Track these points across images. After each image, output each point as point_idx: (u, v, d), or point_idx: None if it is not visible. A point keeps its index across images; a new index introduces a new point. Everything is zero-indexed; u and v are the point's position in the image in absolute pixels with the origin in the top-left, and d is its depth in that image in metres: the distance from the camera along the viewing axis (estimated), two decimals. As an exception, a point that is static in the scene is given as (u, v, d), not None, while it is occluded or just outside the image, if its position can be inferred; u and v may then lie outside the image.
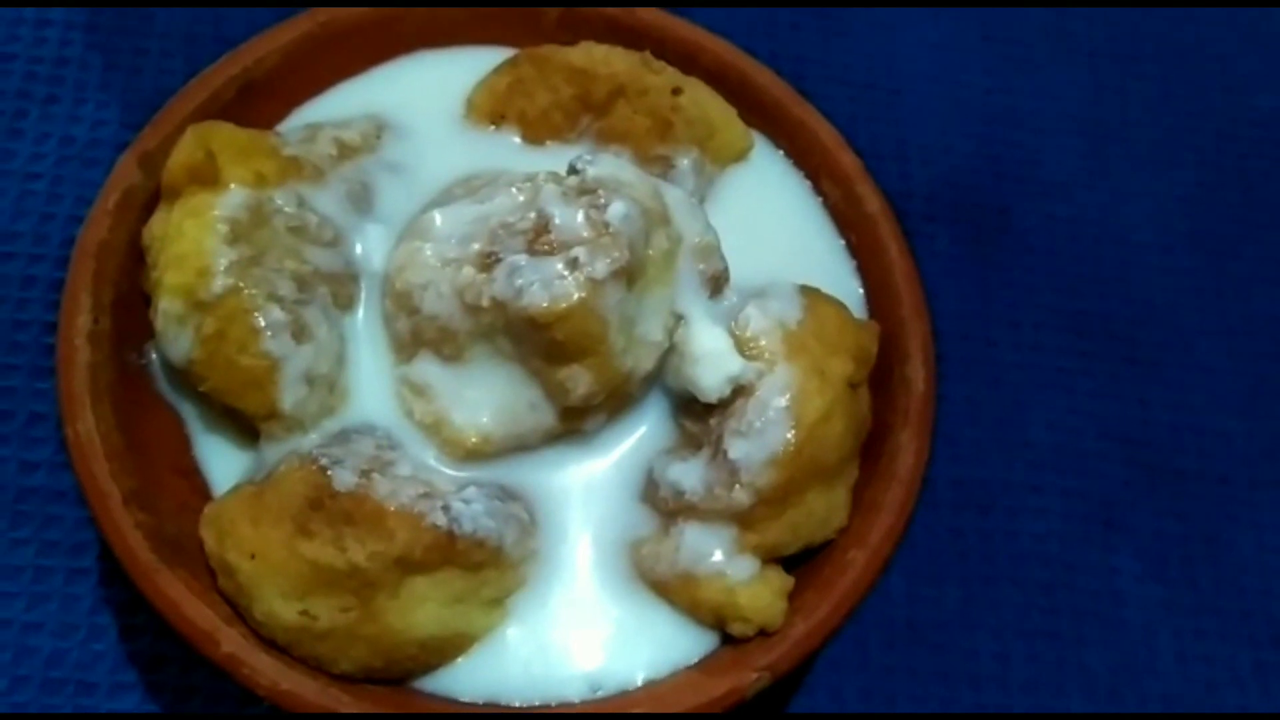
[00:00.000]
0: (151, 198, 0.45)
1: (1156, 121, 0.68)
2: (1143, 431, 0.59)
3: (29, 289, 0.55)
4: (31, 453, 0.52)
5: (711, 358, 0.43)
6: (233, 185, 0.44)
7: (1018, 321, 0.61)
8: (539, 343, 0.42)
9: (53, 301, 0.51)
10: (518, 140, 0.49)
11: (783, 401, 0.42)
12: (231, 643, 0.39)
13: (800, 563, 0.44)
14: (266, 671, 0.39)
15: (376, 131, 0.48)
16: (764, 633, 0.42)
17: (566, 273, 0.41)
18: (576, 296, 0.41)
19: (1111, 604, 0.55)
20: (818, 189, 0.50)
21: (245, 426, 0.44)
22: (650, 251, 0.43)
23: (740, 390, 0.42)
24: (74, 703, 0.47)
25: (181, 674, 0.48)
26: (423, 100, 0.50)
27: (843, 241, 0.50)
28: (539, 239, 0.42)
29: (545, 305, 0.40)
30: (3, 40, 0.60)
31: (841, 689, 0.52)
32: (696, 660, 0.42)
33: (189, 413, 0.45)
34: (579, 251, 0.41)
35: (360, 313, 0.46)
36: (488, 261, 0.42)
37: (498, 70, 0.50)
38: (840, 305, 0.46)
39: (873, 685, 0.52)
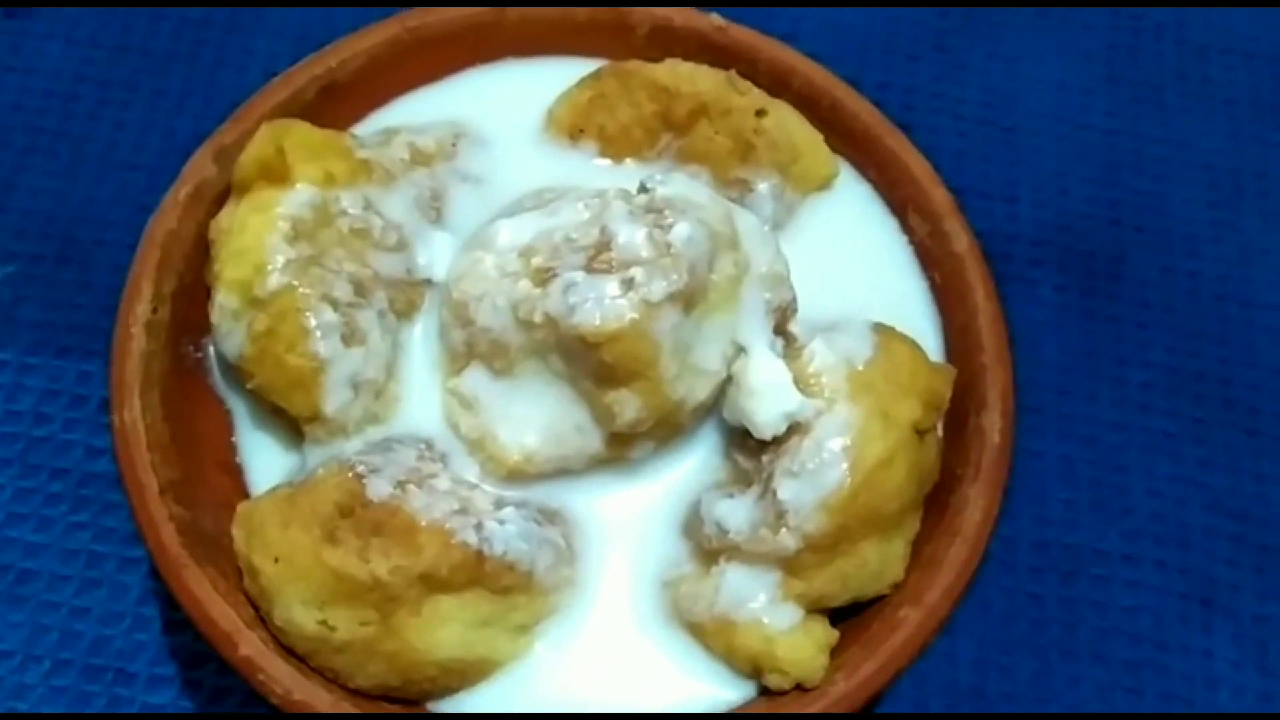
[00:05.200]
0: (224, 192, 0.45)
1: (1296, 176, 0.63)
2: (1256, 507, 0.55)
3: (117, 277, 0.56)
4: (99, 438, 0.52)
5: (768, 391, 0.41)
6: (300, 184, 0.43)
7: (1124, 379, 0.58)
8: (589, 363, 0.40)
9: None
10: (596, 156, 0.48)
11: (839, 443, 0.40)
12: (250, 646, 0.39)
13: (848, 616, 0.41)
14: (281, 679, 0.38)
15: (453, 139, 0.48)
16: (802, 687, 0.40)
17: (621, 293, 0.39)
18: (629, 318, 0.39)
19: (1203, 690, 0.51)
20: (904, 224, 0.48)
21: (293, 428, 0.43)
22: (714, 276, 0.41)
23: (796, 428, 0.40)
24: (111, 691, 0.47)
25: (218, 673, 0.48)
26: (503, 110, 0.49)
27: (926, 281, 0.47)
28: (599, 256, 0.41)
29: (596, 324, 0.39)
30: (118, 32, 0.62)
31: (897, 754, 0.49)
32: (728, 710, 0.40)
33: (239, 410, 0.45)
34: (636, 271, 0.40)
35: (420, 322, 0.45)
36: (544, 276, 0.41)
37: (580, 83, 0.49)
38: (915, 346, 0.43)
39: (932, 753, 0.49)
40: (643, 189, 0.43)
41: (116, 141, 0.60)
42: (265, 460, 0.44)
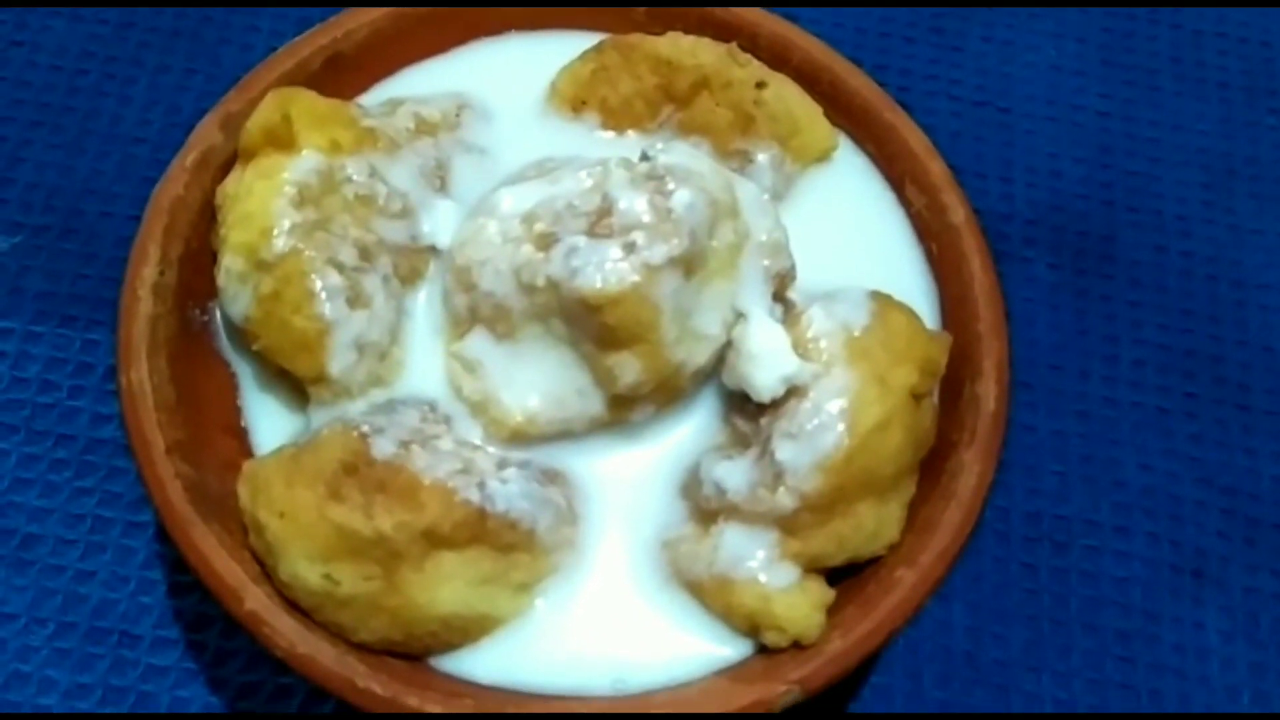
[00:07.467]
0: (230, 159, 0.46)
1: (1288, 159, 0.64)
2: (1247, 482, 0.56)
3: (122, 248, 0.56)
4: (105, 405, 0.53)
5: (767, 356, 0.41)
6: (306, 151, 0.44)
7: (1116, 356, 0.58)
8: (590, 326, 0.41)
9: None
10: (598, 128, 0.49)
11: (836, 406, 0.40)
12: (255, 600, 0.39)
13: (845, 577, 0.42)
14: (286, 633, 0.39)
15: (457, 110, 0.48)
16: (799, 645, 0.40)
17: (622, 256, 0.40)
18: (630, 281, 0.40)
19: (1194, 660, 0.52)
20: (901, 196, 0.48)
21: (298, 390, 0.44)
22: (714, 243, 0.42)
23: (794, 391, 0.41)
24: (115, 653, 0.48)
25: (223, 635, 0.49)
26: (506, 82, 0.49)
27: (922, 251, 0.48)
28: (600, 222, 0.41)
29: (598, 287, 0.40)
30: (122, 9, 0.62)
31: (891, 721, 0.50)
32: (726, 667, 0.41)
33: (245, 373, 0.45)
34: (638, 236, 0.40)
35: (424, 289, 0.45)
36: (547, 241, 0.41)
37: (582, 56, 0.49)
38: (911, 313, 0.44)
39: (925, 720, 0.50)
40: (644, 157, 0.43)
41: (121, 116, 0.60)
42: (270, 422, 0.44)
